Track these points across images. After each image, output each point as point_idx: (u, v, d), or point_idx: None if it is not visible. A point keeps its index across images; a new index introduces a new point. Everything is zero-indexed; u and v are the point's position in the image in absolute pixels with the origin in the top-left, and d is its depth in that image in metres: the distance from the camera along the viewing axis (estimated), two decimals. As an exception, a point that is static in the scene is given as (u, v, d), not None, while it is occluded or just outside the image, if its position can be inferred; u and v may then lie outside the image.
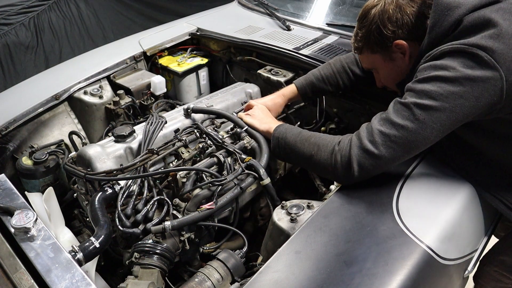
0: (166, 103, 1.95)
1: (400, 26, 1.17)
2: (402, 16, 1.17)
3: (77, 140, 1.72)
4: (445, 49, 1.05)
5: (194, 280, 1.08)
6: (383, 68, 1.30)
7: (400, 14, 1.17)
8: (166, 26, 2.44)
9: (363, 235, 1.03)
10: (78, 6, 4.08)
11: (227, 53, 2.16)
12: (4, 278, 0.92)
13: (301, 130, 1.30)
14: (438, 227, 1.08)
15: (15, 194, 1.13)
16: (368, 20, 1.22)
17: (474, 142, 1.20)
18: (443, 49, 1.06)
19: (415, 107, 1.05)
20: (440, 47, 1.07)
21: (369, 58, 1.30)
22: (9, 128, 1.70)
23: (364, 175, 1.12)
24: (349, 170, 1.12)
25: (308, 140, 1.23)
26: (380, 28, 1.19)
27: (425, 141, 1.07)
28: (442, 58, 1.05)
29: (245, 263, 1.17)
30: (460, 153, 1.23)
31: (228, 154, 1.36)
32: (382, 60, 1.26)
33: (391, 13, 1.17)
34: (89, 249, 1.05)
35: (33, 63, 3.83)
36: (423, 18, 1.16)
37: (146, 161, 1.29)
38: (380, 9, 1.19)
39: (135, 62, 2.10)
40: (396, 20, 1.17)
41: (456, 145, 1.22)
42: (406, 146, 1.07)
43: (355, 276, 0.93)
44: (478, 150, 1.21)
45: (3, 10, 3.66)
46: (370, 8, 1.22)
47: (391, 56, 1.24)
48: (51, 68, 2.20)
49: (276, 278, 0.95)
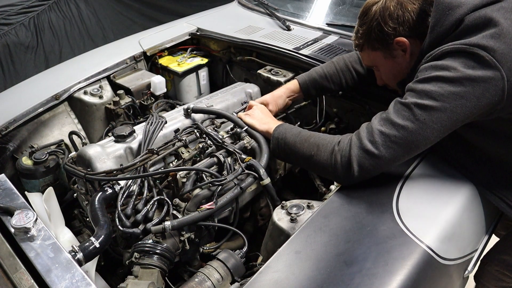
0: (166, 103, 1.95)
1: (401, 23, 1.17)
2: (403, 13, 1.16)
3: (77, 140, 1.72)
4: (446, 49, 1.05)
5: (194, 280, 1.08)
6: (383, 65, 1.30)
7: (401, 11, 1.16)
8: (166, 26, 2.44)
9: (363, 235, 1.03)
10: (78, 6, 4.08)
11: (227, 53, 2.16)
12: (4, 278, 0.92)
13: (300, 130, 1.30)
14: (438, 227, 1.08)
15: (15, 194, 1.13)
16: (369, 17, 1.22)
17: (474, 141, 1.20)
18: (444, 49, 1.05)
19: (415, 107, 1.04)
20: (441, 47, 1.07)
21: (370, 56, 1.30)
22: (9, 128, 1.70)
23: (364, 175, 1.12)
24: (349, 170, 1.12)
25: (308, 140, 1.23)
26: (381, 25, 1.19)
27: (426, 141, 1.07)
28: (443, 59, 1.05)
29: (245, 263, 1.17)
30: (461, 151, 1.23)
31: (228, 154, 1.36)
32: (383, 57, 1.26)
33: (392, 10, 1.17)
34: (89, 249, 1.05)
35: (33, 63, 3.83)
36: (425, 16, 1.16)
37: (146, 161, 1.29)
38: (381, 6, 1.19)
39: (135, 62, 2.10)
40: (397, 17, 1.17)
41: (457, 143, 1.22)
42: (406, 146, 1.07)
43: (355, 276, 0.93)
44: (479, 148, 1.21)
45: (3, 10, 3.66)
46: (371, 5, 1.22)
47: (392, 54, 1.24)
48: (51, 68, 2.20)
49: (276, 278, 0.95)
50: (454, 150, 1.23)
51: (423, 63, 1.11)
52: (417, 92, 1.06)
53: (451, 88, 1.01)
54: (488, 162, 1.21)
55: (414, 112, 1.05)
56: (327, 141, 1.19)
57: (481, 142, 1.19)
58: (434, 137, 1.06)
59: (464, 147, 1.22)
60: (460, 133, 1.18)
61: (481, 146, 1.20)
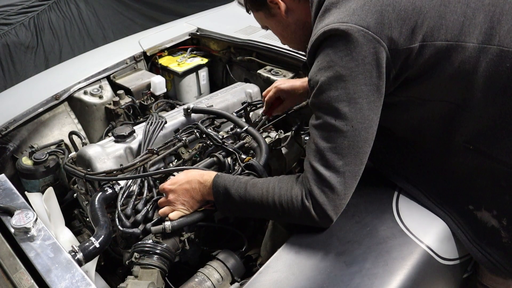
0: (166, 103, 1.95)
1: None
2: None
3: (77, 140, 1.72)
4: (319, 36, 0.98)
5: (194, 280, 1.08)
6: (270, 25, 1.26)
7: None
8: (166, 26, 2.44)
9: (363, 235, 1.03)
10: (78, 6, 4.08)
11: (227, 53, 2.16)
12: (4, 278, 0.92)
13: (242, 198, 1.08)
14: (438, 227, 1.08)
15: (15, 194, 1.13)
16: None
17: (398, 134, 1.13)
18: (317, 34, 0.98)
19: (336, 121, 0.95)
20: (315, 31, 1.00)
21: (257, 17, 1.27)
22: (9, 128, 1.70)
23: (341, 209, 1.01)
24: (329, 217, 0.99)
25: (259, 208, 1.06)
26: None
27: (367, 142, 0.98)
28: (320, 51, 0.99)
29: (245, 263, 1.17)
30: (388, 150, 1.16)
31: (228, 154, 1.36)
32: (265, 17, 1.23)
33: None
34: (89, 249, 1.05)
35: (33, 63, 3.84)
36: None
37: (146, 161, 1.29)
38: None
39: (135, 62, 2.10)
40: None
41: (384, 144, 1.13)
42: (355, 158, 0.97)
43: (355, 276, 0.93)
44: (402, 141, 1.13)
45: (3, 10, 3.66)
46: None
47: (271, 12, 1.20)
48: (51, 68, 2.20)
49: (276, 278, 0.95)
50: (385, 152, 1.16)
51: (310, 50, 1.03)
52: (323, 108, 0.97)
53: (349, 84, 0.94)
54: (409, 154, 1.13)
55: (337, 127, 0.95)
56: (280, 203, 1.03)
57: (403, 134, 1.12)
58: (371, 134, 0.98)
59: (390, 145, 1.15)
60: (385, 133, 1.09)
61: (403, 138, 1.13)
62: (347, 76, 0.93)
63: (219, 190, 1.09)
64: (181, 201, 1.15)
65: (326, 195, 0.96)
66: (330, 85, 0.95)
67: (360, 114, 0.95)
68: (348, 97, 0.94)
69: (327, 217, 0.98)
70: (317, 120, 1.00)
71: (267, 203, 1.02)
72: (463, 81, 0.96)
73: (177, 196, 1.15)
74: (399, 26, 0.94)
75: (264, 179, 1.09)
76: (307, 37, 1.11)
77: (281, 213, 1.02)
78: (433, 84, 0.98)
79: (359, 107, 0.95)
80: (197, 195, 1.15)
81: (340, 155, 0.96)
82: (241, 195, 1.06)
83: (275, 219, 1.15)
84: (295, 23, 1.19)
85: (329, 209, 0.97)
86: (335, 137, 0.96)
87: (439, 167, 1.08)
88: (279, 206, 1.01)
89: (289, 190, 1.01)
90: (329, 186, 0.96)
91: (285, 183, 1.03)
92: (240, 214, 1.15)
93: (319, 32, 0.97)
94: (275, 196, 1.02)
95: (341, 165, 0.96)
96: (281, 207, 1.01)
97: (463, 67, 0.95)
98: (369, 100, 0.95)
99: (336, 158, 0.96)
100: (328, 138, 0.97)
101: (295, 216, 1.01)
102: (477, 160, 1.01)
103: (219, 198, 1.10)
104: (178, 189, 1.15)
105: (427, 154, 1.10)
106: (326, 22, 0.98)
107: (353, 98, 0.94)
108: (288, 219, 1.06)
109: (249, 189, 1.05)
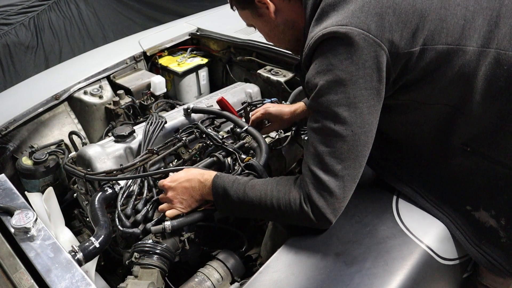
0: (166, 103, 1.95)
1: None
2: None
3: (77, 140, 1.72)
4: (316, 39, 0.95)
5: (194, 280, 1.08)
6: (256, 24, 1.23)
7: None
8: (166, 26, 2.44)
9: (363, 235, 1.03)
10: (78, 6, 4.08)
11: (227, 53, 2.16)
12: (4, 278, 0.92)
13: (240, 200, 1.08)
14: (438, 227, 1.08)
15: (15, 194, 1.13)
16: None
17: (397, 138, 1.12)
18: (315, 37, 0.95)
19: (335, 126, 0.94)
20: (312, 34, 0.97)
21: (242, 15, 1.25)
22: (9, 128, 1.70)
23: (340, 212, 1.01)
24: (328, 220, 1.00)
25: (258, 210, 1.06)
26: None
27: (366, 146, 0.98)
28: (318, 54, 0.96)
29: (245, 263, 1.17)
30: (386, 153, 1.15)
31: (227, 154, 1.36)
32: (251, 16, 1.20)
33: None
34: (89, 249, 1.05)
35: (33, 63, 3.84)
36: None
37: (146, 161, 1.29)
38: None
39: (135, 62, 2.10)
40: None
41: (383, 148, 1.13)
42: (354, 162, 0.96)
43: (355, 276, 0.93)
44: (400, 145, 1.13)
45: (3, 10, 3.66)
46: None
47: (257, 12, 1.16)
48: (51, 68, 2.20)
49: (276, 278, 0.95)
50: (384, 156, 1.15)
51: (307, 53, 1.00)
52: (323, 112, 0.96)
53: (348, 89, 0.92)
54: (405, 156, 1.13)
55: (337, 132, 0.94)
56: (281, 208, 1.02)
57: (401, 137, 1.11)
58: (370, 137, 0.97)
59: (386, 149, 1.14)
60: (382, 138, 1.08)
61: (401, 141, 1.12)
62: (347, 80, 0.92)
63: (218, 191, 1.09)
64: (179, 199, 1.15)
65: (324, 199, 0.96)
66: (329, 89, 0.94)
67: (360, 119, 0.94)
68: (348, 102, 0.93)
69: (326, 219, 0.98)
70: (316, 123, 0.98)
71: (265, 205, 1.02)
72: (463, 84, 0.95)
73: (176, 194, 1.15)
74: (400, 29, 0.92)
75: (263, 180, 1.09)
76: (296, 37, 1.10)
77: (279, 215, 1.03)
78: (433, 88, 0.98)
79: (359, 111, 0.94)
80: (196, 194, 1.15)
81: (339, 159, 0.95)
82: (239, 197, 1.06)
83: (274, 220, 1.15)
84: (284, 23, 1.15)
85: (328, 212, 0.97)
86: (334, 141, 0.95)
87: (436, 169, 1.08)
88: (277, 208, 1.01)
89: (287, 193, 1.01)
90: (328, 190, 0.95)
91: (283, 185, 1.03)
92: (240, 214, 1.15)
93: (317, 35, 0.95)
94: (273, 198, 1.02)
95: (340, 169, 0.95)
96: (279, 210, 1.01)
97: (463, 71, 0.94)
98: (369, 104, 0.94)
99: (335, 162, 0.95)
100: (327, 142, 0.96)
101: (294, 218, 1.01)
102: (474, 162, 1.01)
103: (218, 199, 1.10)
104: (178, 186, 1.16)
105: (424, 156, 1.09)
106: (324, 25, 0.96)
107: (353, 103, 0.93)
108: (286, 221, 1.06)
109: (248, 191, 1.05)
